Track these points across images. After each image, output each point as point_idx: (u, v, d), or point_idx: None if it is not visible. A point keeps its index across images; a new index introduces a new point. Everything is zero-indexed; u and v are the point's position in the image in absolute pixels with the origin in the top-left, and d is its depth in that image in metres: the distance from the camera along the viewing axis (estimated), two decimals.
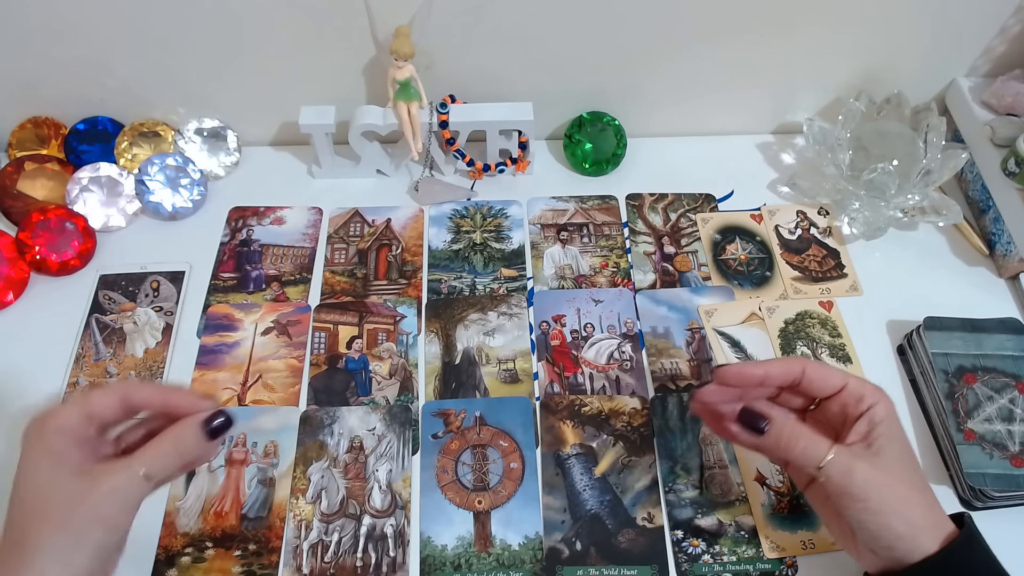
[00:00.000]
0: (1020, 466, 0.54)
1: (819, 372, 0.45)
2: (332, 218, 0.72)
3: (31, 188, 0.70)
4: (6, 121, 0.73)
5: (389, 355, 0.63)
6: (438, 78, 0.69)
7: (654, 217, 0.73)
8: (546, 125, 0.78)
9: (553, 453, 0.58)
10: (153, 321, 0.65)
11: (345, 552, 0.53)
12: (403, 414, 0.60)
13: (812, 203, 0.73)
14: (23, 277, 0.66)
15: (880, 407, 0.44)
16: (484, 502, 0.55)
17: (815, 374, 0.45)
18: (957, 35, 0.71)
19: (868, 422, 0.43)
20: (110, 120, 0.74)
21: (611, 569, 0.53)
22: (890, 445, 0.43)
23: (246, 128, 0.76)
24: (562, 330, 0.64)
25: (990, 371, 0.58)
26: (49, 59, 0.68)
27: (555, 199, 0.73)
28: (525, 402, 0.60)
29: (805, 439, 0.43)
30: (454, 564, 0.53)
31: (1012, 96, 0.70)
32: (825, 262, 0.69)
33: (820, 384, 0.45)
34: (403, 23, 0.64)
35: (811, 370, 0.45)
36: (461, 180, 0.75)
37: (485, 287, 0.67)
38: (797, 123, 0.78)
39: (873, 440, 0.43)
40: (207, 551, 0.53)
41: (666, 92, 0.75)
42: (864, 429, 0.43)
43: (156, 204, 0.70)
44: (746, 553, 0.53)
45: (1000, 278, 0.68)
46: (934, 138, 0.67)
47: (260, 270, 0.68)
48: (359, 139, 0.70)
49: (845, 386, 0.45)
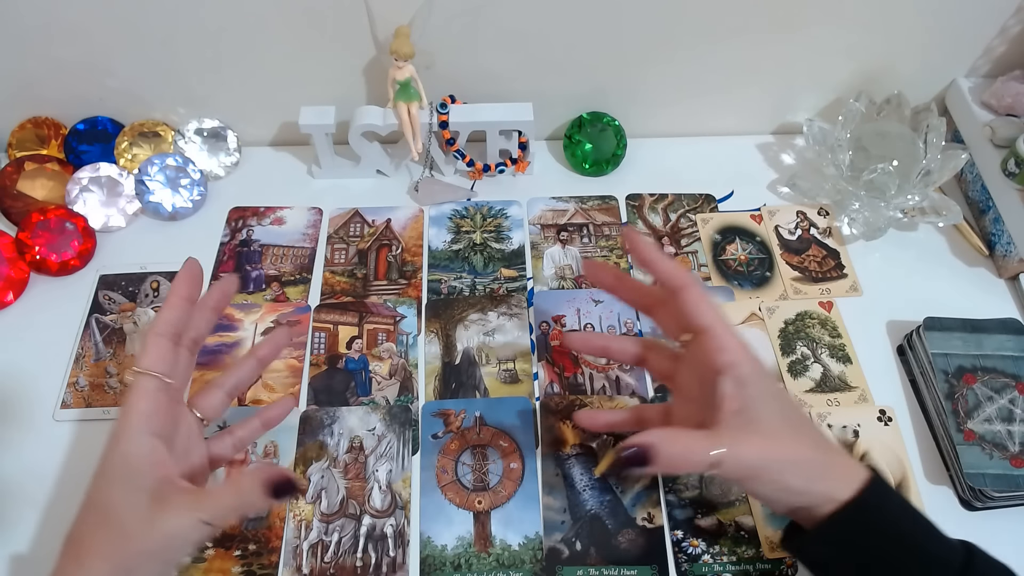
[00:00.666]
0: (1020, 466, 0.54)
1: (695, 298, 0.42)
2: (332, 218, 0.72)
3: (31, 188, 0.70)
4: (6, 121, 0.73)
5: (389, 355, 0.63)
6: (438, 78, 0.69)
7: (654, 217, 0.73)
8: (546, 125, 0.78)
9: (553, 453, 0.58)
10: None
11: (345, 552, 0.53)
12: (403, 414, 0.60)
13: (812, 203, 0.73)
14: (23, 277, 0.66)
15: (743, 367, 0.41)
16: (484, 502, 0.55)
17: (690, 298, 0.42)
18: (957, 35, 0.71)
19: (734, 384, 0.40)
20: (110, 120, 0.74)
21: (611, 569, 0.53)
22: (767, 405, 0.41)
23: (246, 128, 0.76)
24: (562, 330, 0.64)
25: (990, 371, 0.58)
26: (49, 59, 0.68)
27: (555, 199, 0.74)
28: (525, 402, 0.60)
29: (683, 446, 0.40)
30: (454, 564, 0.53)
31: (1012, 96, 0.70)
32: (825, 262, 0.69)
33: (691, 310, 0.42)
34: (403, 23, 0.64)
35: (689, 293, 0.42)
36: (461, 180, 0.75)
37: (485, 287, 0.67)
38: (797, 123, 0.78)
39: (745, 406, 0.40)
40: (207, 551, 0.53)
41: (666, 92, 0.75)
42: (730, 392, 0.40)
43: (156, 204, 0.70)
44: (746, 553, 0.53)
45: (1000, 278, 0.68)
46: (934, 138, 0.67)
47: (260, 270, 0.68)
48: (359, 139, 0.70)
49: (709, 328, 0.42)
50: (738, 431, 0.40)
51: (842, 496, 0.40)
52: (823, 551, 0.42)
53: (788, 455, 0.40)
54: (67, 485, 0.55)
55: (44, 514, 0.54)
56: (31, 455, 0.57)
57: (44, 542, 0.53)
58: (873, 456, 0.57)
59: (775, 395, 0.42)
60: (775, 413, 0.41)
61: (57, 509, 0.54)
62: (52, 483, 0.56)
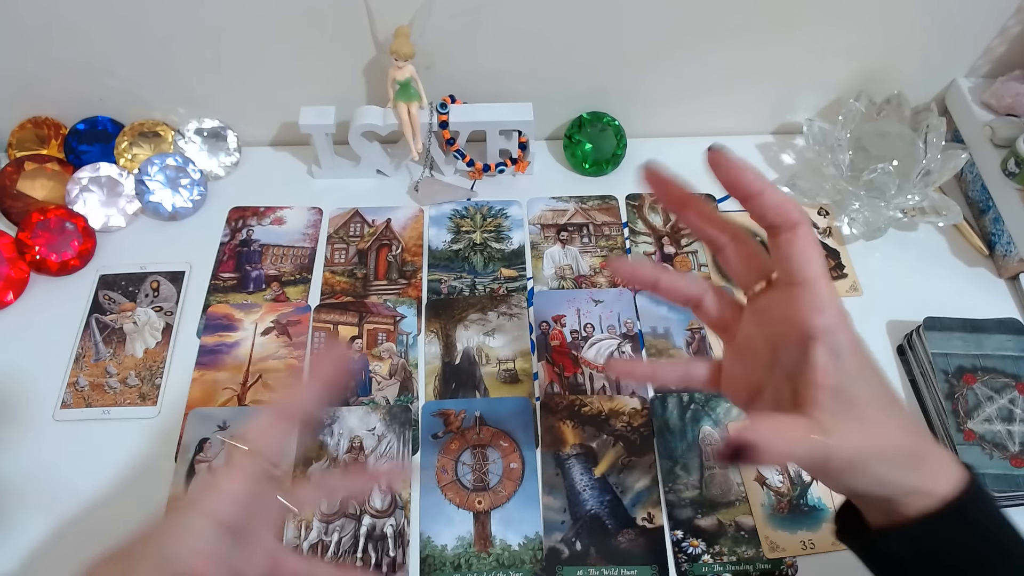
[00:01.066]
0: (1020, 466, 0.54)
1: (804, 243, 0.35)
2: (332, 218, 0.72)
3: (31, 188, 0.70)
4: (6, 121, 0.73)
5: (389, 355, 0.63)
6: (438, 78, 0.69)
7: (654, 217, 0.73)
8: (546, 125, 0.78)
9: (553, 453, 0.58)
10: (153, 321, 0.65)
11: (345, 552, 0.53)
12: (403, 414, 0.60)
13: (812, 203, 0.73)
14: (23, 277, 0.66)
15: (841, 334, 0.34)
16: (484, 502, 0.55)
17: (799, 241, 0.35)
18: (957, 35, 0.71)
19: (830, 355, 0.34)
20: (110, 120, 0.74)
21: (611, 569, 0.53)
22: (865, 384, 0.34)
23: (246, 128, 0.76)
24: (562, 330, 0.64)
25: (990, 371, 0.58)
26: (49, 59, 0.68)
27: (555, 199, 0.73)
28: (525, 402, 0.60)
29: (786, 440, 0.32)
30: (454, 564, 0.53)
31: (1012, 96, 0.70)
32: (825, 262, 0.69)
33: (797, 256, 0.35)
34: (403, 23, 0.64)
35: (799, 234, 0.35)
36: (461, 180, 0.75)
37: (485, 287, 0.67)
38: (797, 123, 0.78)
39: (842, 384, 0.34)
40: None
41: (666, 92, 0.75)
42: (827, 364, 0.34)
43: (156, 204, 0.70)
44: (746, 553, 0.53)
45: (1000, 278, 0.68)
46: (934, 138, 0.67)
47: (260, 270, 0.68)
48: (359, 139, 0.70)
49: (811, 282, 0.35)
50: (837, 415, 0.33)
51: (940, 492, 0.34)
52: (907, 550, 0.36)
53: (892, 443, 0.34)
54: (67, 485, 0.55)
55: (44, 514, 0.54)
56: (31, 455, 0.57)
57: (44, 542, 0.53)
58: None
59: (876, 372, 0.35)
60: (874, 394, 0.34)
61: (57, 509, 0.54)
62: (52, 483, 0.56)
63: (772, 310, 0.37)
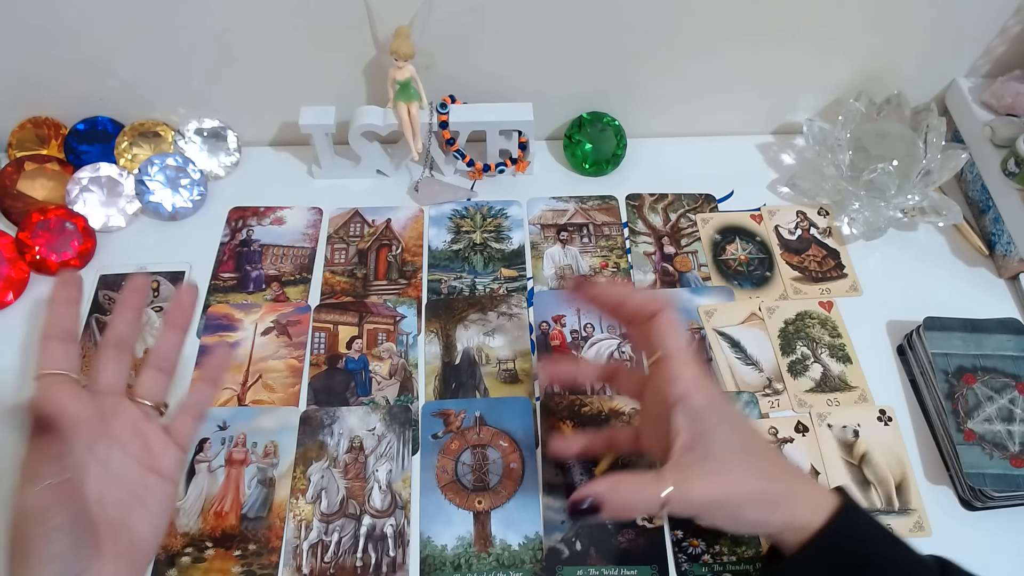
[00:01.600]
0: (1020, 466, 0.54)
1: (665, 324, 0.42)
2: (332, 218, 0.72)
3: (31, 188, 0.70)
4: (6, 121, 0.73)
5: (389, 355, 0.63)
6: (438, 78, 0.69)
7: (654, 217, 0.73)
8: (546, 125, 0.78)
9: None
10: (153, 321, 0.65)
11: (345, 552, 0.53)
12: (403, 414, 0.60)
13: (812, 203, 0.73)
14: (23, 277, 0.66)
15: (695, 398, 0.41)
16: (484, 502, 0.55)
17: (662, 322, 0.43)
18: (957, 35, 0.71)
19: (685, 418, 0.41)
20: (110, 120, 0.74)
21: (611, 569, 0.53)
22: (720, 437, 0.40)
23: (246, 128, 0.76)
24: (562, 330, 0.64)
25: (990, 371, 0.58)
26: (49, 59, 0.68)
27: (555, 199, 0.73)
28: (525, 402, 0.60)
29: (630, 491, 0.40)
30: (454, 564, 0.53)
31: (1012, 96, 0.70)
32: (825, 262, 0.69)
33: (658, 333, 0.43)
34: (403, 23, 0.64)
35: (662, 318, 0.43)
36: (461, 180, 0.75)
37: (485, 287, 0.67)
38: (797, 123, 0.78)
39: (695, 441, 0.40)
40: (207, 551, 0.53)
41: (666, 92, 0.75)
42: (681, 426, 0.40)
43: (156, 204, 0.70)
44: (746, 553, 0.53)
45: (1000, 278, 0.68)
46: (934, 138, 0.67)
47: (260, 270, 0.68)
48: (359, 139, 0.70)
49: (669, 356, 0.42)
50: (687, 468, 0.40)
51: (811, 524, 0.39)
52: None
53: (739, 489, 0.40)
54: None
55: None
56: None
57: None
58: (873, 456, 0.57)
59: (731, 425, 0.41)
60: (728, 445, 0.40)
61: None
62: None
63: (655, 380, 0.44)
